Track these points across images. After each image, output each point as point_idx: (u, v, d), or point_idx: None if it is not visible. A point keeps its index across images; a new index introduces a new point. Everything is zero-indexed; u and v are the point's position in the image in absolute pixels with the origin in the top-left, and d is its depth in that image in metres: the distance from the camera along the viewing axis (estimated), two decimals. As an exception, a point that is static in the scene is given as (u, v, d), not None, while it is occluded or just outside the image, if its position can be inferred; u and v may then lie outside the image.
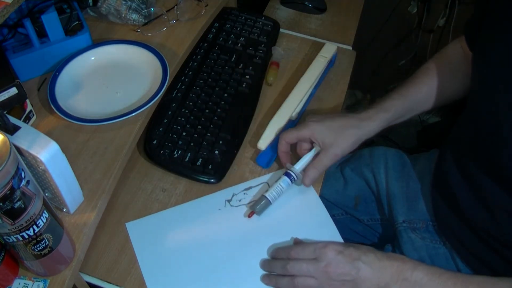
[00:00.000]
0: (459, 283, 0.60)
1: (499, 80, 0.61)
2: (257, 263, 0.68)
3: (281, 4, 1.10)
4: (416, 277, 0.61)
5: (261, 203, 0.71)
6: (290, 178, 0.72)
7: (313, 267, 0.63)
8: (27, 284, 0.58)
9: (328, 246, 0.64)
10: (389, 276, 0.62)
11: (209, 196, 0.75)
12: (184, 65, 0.88)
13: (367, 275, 0.62)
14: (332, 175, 0.94)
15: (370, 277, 0.62)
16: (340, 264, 0.63)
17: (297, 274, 0.64)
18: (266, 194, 0.71)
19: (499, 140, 0.61)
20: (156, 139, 0.78)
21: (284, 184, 0.71)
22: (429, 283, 0.61)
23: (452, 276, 0.61)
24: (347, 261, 0.63)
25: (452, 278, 0.61)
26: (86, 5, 0.89)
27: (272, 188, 0.71)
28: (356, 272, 0.62)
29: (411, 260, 0.63)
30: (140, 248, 0.69)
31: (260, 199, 0.71)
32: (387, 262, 0.63)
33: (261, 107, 0.87)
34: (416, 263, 0.63)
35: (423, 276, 0.61)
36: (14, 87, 0.68)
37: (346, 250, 0.64)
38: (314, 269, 0.63)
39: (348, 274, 0.62)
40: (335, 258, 0.63)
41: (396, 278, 0.62)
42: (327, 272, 0.63)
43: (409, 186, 0.85)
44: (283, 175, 0.72)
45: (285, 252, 0.67)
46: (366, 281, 0.62)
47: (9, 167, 0.46)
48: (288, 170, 0.73)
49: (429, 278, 0.61)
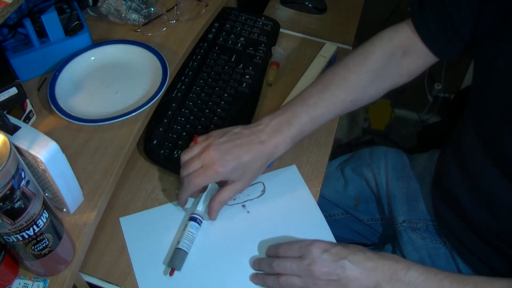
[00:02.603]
0: (455, 282, 0.58)
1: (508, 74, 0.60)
2: (248, 262, 0.68)
3: (281, 4, 1.10)
4: (411, 277, 0.59)
5: (178, 256, 0.66)
6: (197, 221, 0.69)
7: (297, 266, 0.61)
8: (27, 284, 0.58)
9: (314, 244, 0.62)
10: (380, 276, 0.60)
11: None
12: (184, 65, 0.88)
13: (354, 274, 0.59)
14: (332, 175, 0.94)
15: (359, 277, 0.59)
16: (325, 262, 0.60)
17: (282, 272, 0.62)
18: (179, 245, 0.67)
19: (508, 133, 0.60)
20: (156, 139, 0.78)
21: (193, 229, 0.68)
22: (425, 283, 0.58)
23: (448, 276, 0.59)
24: (332, 259, 0.60)
25: (448, 277, 0.59)
26: (86, 5, 0.89)
27: (183, 238, 0.67)
28: (342, 271, 0.60)
29: (404, 260, 0.61)
30: (132, 242, 0.69)
31: (175, 253, 0.66)
32: (378, 262, 0.60)
33: (261, 107, 0.87)
34: (410, 263, 0.60)
35: (417, 276, 0.59)
36: (14, 87, 0.68)
37: (333, 248, 0.61)
38: (298, 267, 0.61)
39: (333, 274, 0.60)
40: (320, 256, 0.61)
41: (388, 279, 0.59)
42: (311, 270, 0.60)
43: (409, 186, 0.85)
44: (189, 220, 0.69)
45: (274, 250, 0.66)
46: (354, 281, 0.60)
47: (9, 167, 0.46)
48: (192, 214, 0.70)
49: (424, 278, 0.59)
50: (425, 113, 1.76)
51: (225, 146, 0.68)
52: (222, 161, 0.66)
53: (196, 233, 0.69)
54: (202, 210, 0.71)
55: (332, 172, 0.94)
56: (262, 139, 0.69)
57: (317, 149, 0.81)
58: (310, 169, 0.78)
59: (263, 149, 0.68)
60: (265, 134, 0.69)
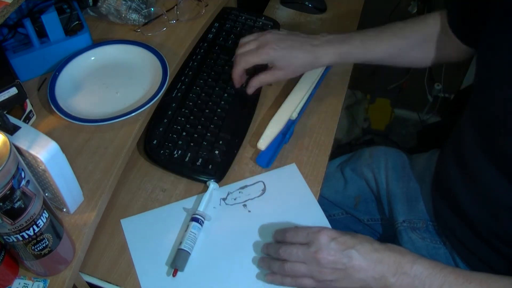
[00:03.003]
0: (461, 278, 0.58)
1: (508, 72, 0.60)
2: (250, 261, 0.68)
3: (281, 4, 1.10)
4: (416, 271, 0.59)
5: (181, 257, 0.66)
6: (199, 221, 0.69)
7: (303, 253, 0.61)
8: (27, 284, 0.58)
9: (322, 231, 0.62)
10: (386, 268, 0.59)
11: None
12: (184, 65, 0.88)
13: (360, 265, 0.59)
14: (333, 175, 0.94)
15: (365, 267, 0.59)
16: (332, 251, 0.60)
17: (288, 259, 0.62)
18: (182, 246, 0.67)
19: (507, 133, 0.60)
20: (156, 139, 0.78)
21: (195, 229, 0.69)
22: (430, 277, 0.58)
23: (454, 271, 0.59)
24: (339, 248, 0.60)
25: (453, 273, 0.59)
26: (86, 5, 0.89)
27: (185, 238, 0.67)
28: (348, 261, 0.59)
29: (410, 253, 0.61)
30: (134, 244, 0.69)
31: (177, 253, 0.66)
32: (385, 253, 0.60)
33: (261, 107, 0.87)
34: (416, 257, 0.60)
35: (423, 270, 0.59)
36: (14, 87, 0.68)
37: (341, 237, 0.61)
38: (304, 254, 0.61)
39: (339, 263, 0.59)
40: (327, 244, 0.60)
41: (394, 271, 0.59)
42: (317, 258, 0.60)
43: (409, 186, 0.85)
44: (191, 221, 0.69)
45: (281, 235, 0.66)
46: (360, 272, 0.59)
47: (9, 167, 0.46)
48: (194, 215, 0.70)
49: (429, 272, 0.59)
50: (425, 113, 1.76)
51: (282, 36, 0.79)
52: (275, 45, 0.76)
53: (198, 233, 0.69)
54: (202, 211, 0.71)
55: (332, 172, 0.94)
56: (315, 43, 0.78)
57: (317, 149, 0.81)
58: (310, 169, 0.78)
59: (312, 50, 0.77)
60: (318, 41, 0.78)
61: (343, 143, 1.63)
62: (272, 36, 0.78)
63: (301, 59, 0.77)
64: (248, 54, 0.78)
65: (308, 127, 0.84)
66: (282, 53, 0.76)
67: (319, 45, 0.77)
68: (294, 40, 0.78)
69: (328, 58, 0.78)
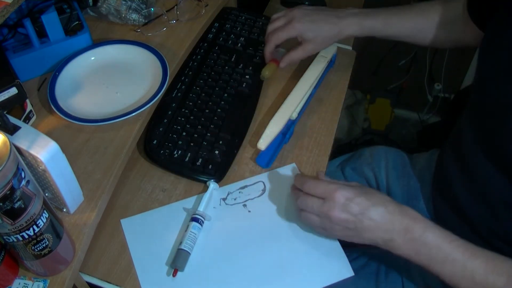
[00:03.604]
0: (468, 253, 0.58)
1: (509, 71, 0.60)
2: (250, 261, 0.68)
3: (281, 4, 1.10)
4: (426, 239, 0.59)
5: (181, 257, 0.66)
6: (199, 221, 0.69)
7: (318, 207, 0.63)
8: (27, 284, 0.58)
9: (339, 190, 0.62)
10: (395, 231, 0.61)
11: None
12: (184, 65, 0.88)
13: (370, 225, 0.61)
14: (333, 175, 0.94)
15: (374, 228, 0.61)
16: (345, 211, 0.61)
17: (304, 208, 0.65)
18: (182, 246, 0.67)
19: (507, 131, 0.60)
20: (156, 139, 0.78)
21: (195, 229, 0.69)
22: (438, 247, 0.59)
23: (463, 245, 0.59)
24: (353, 209, 0.61)
25: (462, 246, 0.59)
26: (86, 5, 0.89)
27: (185, 238, 0.67)
28: (360, 222, 0.61)
29: (423, 220, 0.61)
30: (134, 244, 0.69)
31: (178, 253, 0.66)
32: (397, 217, 0.61)
33: (261, 107, 0.87)
34: (428, 224, 0.61)
35: (433, 239, 0.59)
36: (14, 87, 0.68)
37: (356, 198, 0.62)
38: (318, 208, 0.63)
39: (351, 222, 0.61)
40: (341, 204, 0.61)
41: (402, 234, 0.60)
42: (330, 215, 0.62)
43: (409, 185, 0.86)
44: (191, 221, 0.69)
45: (300, 182, 0.68)
46: (369, 231, 0.61)
47: (9, 167, 0.46)
48: (194, 215, 0.70)
49: (438, 242, 0.59)
50: (425, 113, 1.76)
51: (308, 11, 0.84)
52: (301, 19, 0.82)
53: (198, 233, 0.69)
54: (202, 210, 0.71)
55: (333, 172, 0.94)
56: (340, 15, 0.82)
57: (317, 148, 0.81)
58: (310, 169, 0.78)
59: (337, 21, 0.82)
60: (344, 13, 0.83)
61: (343, 143, 1.63)
62: (299, 11, 0.83)
63: (327, 31, 0.82)
64: (278, 30, 0.83)
65: (308, 127, 0.84)
66: (308, 26, 0.82)
67: (344, 17, 0.82)
68: (320, 13, 0.83)
69: (351, 29, 0.82)
